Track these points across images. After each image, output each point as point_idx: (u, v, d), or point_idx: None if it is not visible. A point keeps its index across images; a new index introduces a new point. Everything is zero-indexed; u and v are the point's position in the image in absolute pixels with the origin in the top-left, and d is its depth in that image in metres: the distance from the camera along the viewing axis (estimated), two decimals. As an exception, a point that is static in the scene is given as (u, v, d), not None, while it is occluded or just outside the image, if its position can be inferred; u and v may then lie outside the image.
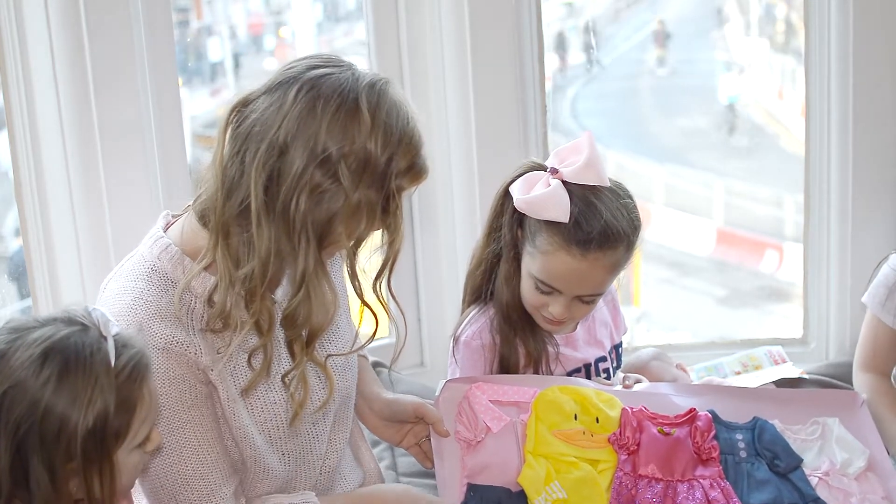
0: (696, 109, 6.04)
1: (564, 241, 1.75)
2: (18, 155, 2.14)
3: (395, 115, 1.48)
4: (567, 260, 1.76)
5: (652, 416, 1.81)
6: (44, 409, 1.28)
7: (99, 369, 1.30)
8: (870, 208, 2.47)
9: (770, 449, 1.82)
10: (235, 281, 1.49)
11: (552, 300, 1.81)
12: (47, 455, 1.28)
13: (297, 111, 1.45)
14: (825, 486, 1.80)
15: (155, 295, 1.51)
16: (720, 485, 1.75)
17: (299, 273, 1.48)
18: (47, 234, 2.17)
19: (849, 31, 2.37)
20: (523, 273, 1.83)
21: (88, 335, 1.33)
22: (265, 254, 1.47)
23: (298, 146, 1.44)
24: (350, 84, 1.47)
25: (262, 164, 1.45)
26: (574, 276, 1.77)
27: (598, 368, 1.95)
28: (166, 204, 2.21)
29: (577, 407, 1.80)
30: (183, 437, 1.52)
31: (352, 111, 1.46)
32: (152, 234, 1.58)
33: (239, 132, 1.49)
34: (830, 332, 2.56)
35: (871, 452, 1.85)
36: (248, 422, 1.57)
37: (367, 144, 1.46)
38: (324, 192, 1.46)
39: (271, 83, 1.50)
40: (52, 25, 2.07)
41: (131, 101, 2.15)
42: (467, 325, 1.90)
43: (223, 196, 1.48)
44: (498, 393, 1.80)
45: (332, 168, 1.45)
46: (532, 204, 1.77)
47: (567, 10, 4.78)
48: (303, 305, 1.51)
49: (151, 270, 1.53)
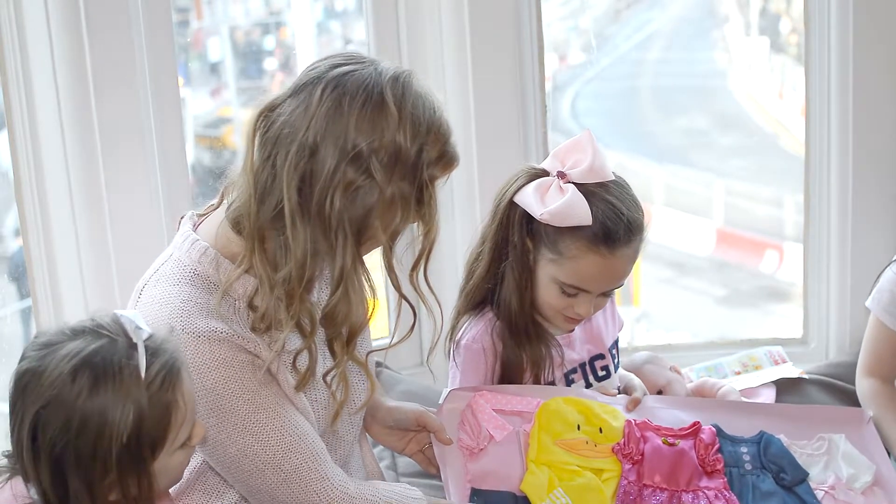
0: (696, 109, 6.03)
1: (591, 243, 1.75)
2: (18, 155, 2.14)
3: (421, 105, 1.50)
4: (597, 261, 1.76)
5: (656, 428, 1.81)
6: (77, 427, 1.28)
7: (130, 382, 1.30)
8: (870, 208, 2.46)
9: (776, 462, 1.82)
10: (275, 284, 1.49)
11: (578, 301, 1.81)
12: (84, 472, 1.28)
13: (323, 110, 1.46)
14: (831, 499, 1.80)
15: (203, 297, 1.51)
16: (725, 496, 1.75)
17: (337, 270, 1.49)
18: (47, 234, 2.17)
19: (849, 31, 2.37)
20: (543, 280, 1.81)
21: (117, 346, 1.32)
22: (302, 255, 1.47)
23: (328, 145, 1.45)
24: (374, 79, 1.48)
25: (293, 166, 1.46)
26: (604, 274, 1.78)
27: (596, 368, 1.95)
28: (166, 203, 2.21)
29: (581, 417, 1.80)
30: (271, 412, 1.52)
31: (378, 105, 1.47)
32: (185, 236, 1.58)
33: (268, 137, 1.49)
34: (830, 332, 2.56)
35: (877, 468, 1.85)
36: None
37: (397, 137, 1.47)
38: (358, 188, 1.46)
39: (296, 85, 1.51)
40: (52, 25, 2.07)
41: (131, 100, 2.15)
42: (467, 328, 1.89)
43: (257, 202, 1.49)
44: (501, 402, 1.80)
45: (363, 164, 1.46)
46: (556, 215, 1.75)
47: (567, 10, 4.79)
48: (342, 303, 1.51)
49: (194, 274, 1.53)
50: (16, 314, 2.56)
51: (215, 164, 4.40)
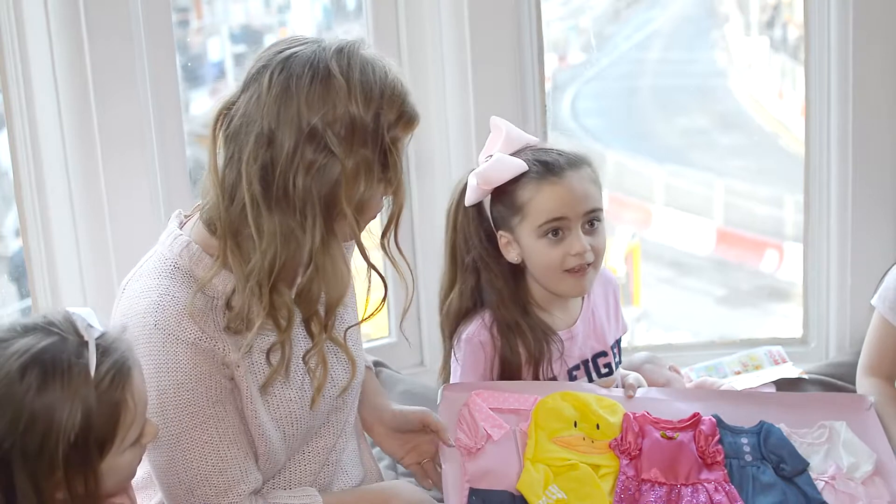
0: (696, 109, 6.02)
1: (538, 179, 1.83)
2: (18, 155, 2.14)
3: (370, 71, 1.50)
4: (553, 189, 1.83)
5: (654, 421, 1.81)
6: (24, 424, 1.27)
7: (79, 380, 1.29)
8: (870, 208, 2.47)
9: (776, 452, 1.82)
10: (249, 276, 1.49)
11: (568, 240, 1.84)
12: (31, 470, 1.28)
13: (273, 96, 1.46)
14: (831, 490, 1.80)
15: (181, 291, 1.52)
16: (725, 488, 1.75)
17: (307, 250, 1.49)
18: (47, 234, 2.17)
19: (849, 31, 2.37)
20: (529, 244, 1.85)
21: (67, 344, 1.31)
22: (269, 243, 1.47)
23: (283, 129, 1.46)
24: (318, 55, 1.48)
25: (253, 157, 1.46)
26: (567, 197, 1.83)
27: (598, 365, 1.96)
28: (166, 203, 2.21)
29: (577, 414, 1.80)
30: (206, 434, 1.53)
31: (325, 79, 1.47)
32: (170, 232, 1.59)
33: (228, 135, 1.50)
34: (830, 331, 2.56)
35: (878, 456, 1.84)
36: (265, 419, 1.58)
37: (350, 107, 1.47)
38: (320, 166, 1.47)
39: (246, 78, 1.52)
40: (52, 26, 2.07)
41: (131, 100, 2.15)
42: (464, 325, 1.91)
43: (226, 201, 1.50)
44: (498, 400, 1.81)
45: (320, 140, 1.46)
46: (488, 171, 1.84)
47: (567, 10, 4.78)
48: (315, 281, 1.52)
49: (174, 268, 1.54)
50: (16, 314, 2.56)
51: (215, 164, 4.38)
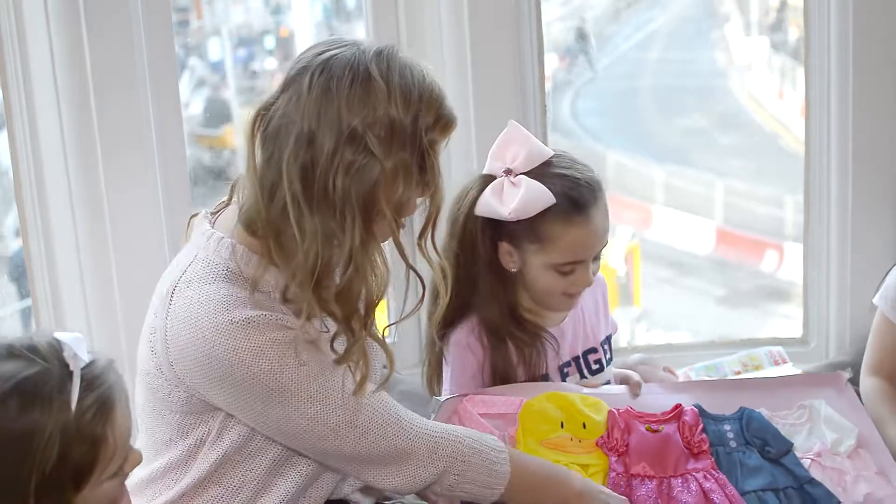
0: (696, 109, 6.03)
1: (566, 217, 1.81)
2: (18, 155, 2.14)
3: (408, 74, 1.52)
4: (577, 230, 1.82)
5: (639, 415, 1.83)
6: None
7: (58, 414, 1.26)
8: (870, 208, 2.47)
9: (759, 436, 1.83)
10: (296, 274, 1.51)
11: (577, 274, 1.85)
12: (2, 498, 1.25)
13: (314, 97, 1.49)
14: (818, 466, 1.81)
15: (241, 291, 1.53)
16: (714, 476, 1.76)
17: (346, 250, 1.51)
18: (47, 234, 2.17)
19: (849, 31, 2.37)
20: (537, 270, 1.85)
21: (50, 375, 1.28)
22: (312, 241, 1.49)
23: (324, 130, 1.48)
24: (358, 57, 1.51)
25: (293, 157, 1.48)
26: (589, 238, 1.83)
27: (589, 361, 1.97)
28: (166, 203, 2.21)
29: (563, 414, 1.81)
30: (319, 387, 1.53)
31: (366, 82, 1.49)
32: (207, 235, 1.58)
33: (267, 135, 1.52)
34: (830, 331, 2.56)
35: (860, 430, 1.86)
36: None
37: (389, 110, 1.49)
38: (359, 167, 1.49)
39: (286, 80, 1.53)
40: (52, 25, 2.08)
41: (131, 100, 2.15)
42: (453, 328, 1.91)
43: (266, 201, 1.51)
44: (487, 405, 1.82)
45: (360, 141, 1.48)
46: (522, 208, 1.81)
47: (567, 10, 4.78)
48: (355, 282, 1.53)
49: (228, 271, 1.55)
50: (16, 314, 2.56)
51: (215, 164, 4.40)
